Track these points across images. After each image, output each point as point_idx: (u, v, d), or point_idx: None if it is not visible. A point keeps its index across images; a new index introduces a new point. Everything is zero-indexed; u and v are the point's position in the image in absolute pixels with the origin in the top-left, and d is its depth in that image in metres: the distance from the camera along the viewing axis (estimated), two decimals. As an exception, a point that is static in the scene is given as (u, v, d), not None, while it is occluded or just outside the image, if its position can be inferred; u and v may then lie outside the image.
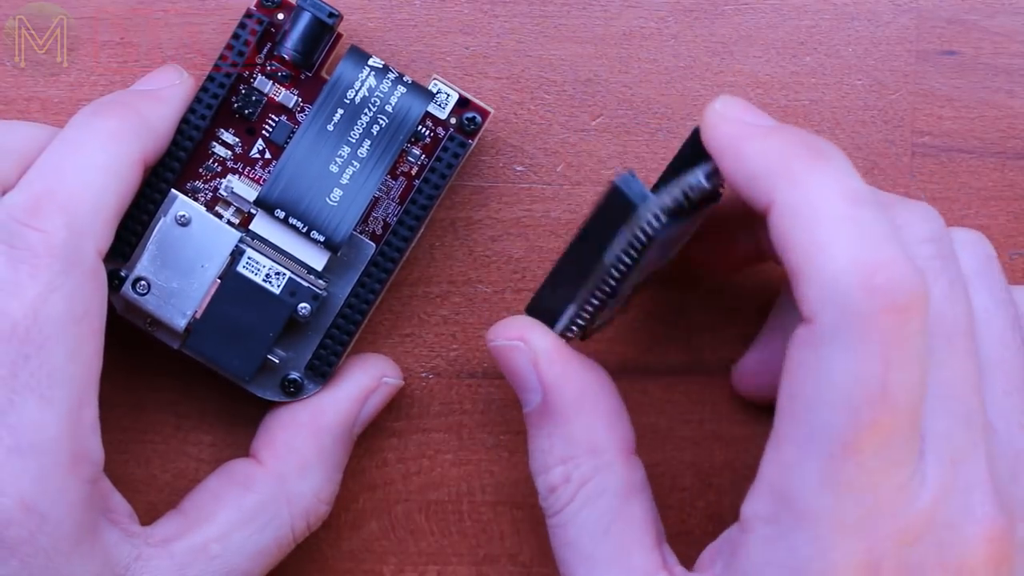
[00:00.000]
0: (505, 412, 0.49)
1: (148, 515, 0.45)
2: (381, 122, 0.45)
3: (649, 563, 0.43)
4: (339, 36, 0.46)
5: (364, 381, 0.47)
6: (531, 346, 0.44)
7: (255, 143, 0.46)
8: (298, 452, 0.46)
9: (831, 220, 0.38)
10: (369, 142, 0.45)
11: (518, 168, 0.49)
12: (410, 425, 0.49)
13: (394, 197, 0.47)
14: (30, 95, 0.48)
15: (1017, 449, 0.41)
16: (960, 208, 0.49)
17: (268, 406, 0.47)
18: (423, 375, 0.49)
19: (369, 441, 0.49)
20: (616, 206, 0.41)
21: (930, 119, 0.49)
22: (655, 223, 0.41)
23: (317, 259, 0.46)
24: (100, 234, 0.41)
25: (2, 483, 0.40)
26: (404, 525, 0.49)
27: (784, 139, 0.40)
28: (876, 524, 0.38)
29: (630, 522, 0.43)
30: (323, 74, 0.46)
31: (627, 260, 0.42)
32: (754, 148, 0.40)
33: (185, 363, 0.47)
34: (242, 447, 0.48)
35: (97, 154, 0.42)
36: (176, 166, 0.46)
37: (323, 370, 0.47)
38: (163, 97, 0.45)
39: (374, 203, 0.47)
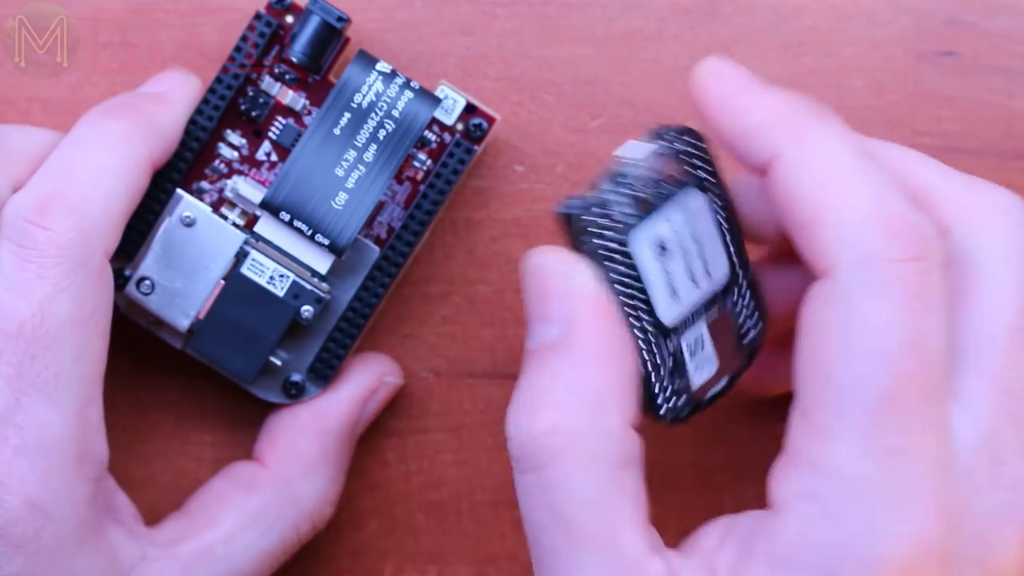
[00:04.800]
0: (505, 412, 0.49)
1: (149, 515, 0.45)
2: (387, 127, 0.45)
3: (639, 543, 0.38)
4: (347, 40, 0.46)
5: (365, 381, 0.47)
6: (574, 279, 0.40)
7: (261, 145, 0.46)
8: (301, 455, 0.46)
9: (844, 171, 0.38)
10: (375, 147, 0.45)
11: (518, 168, 0.49)
12: (410, 425, 0.49)
13: (399, 202, 0.47)
14: (31, 95, 0.48)
15: None
16: (959, 209, 0.49)
17: (269, 407, 0.47)
18: (423, 375, 0.49)
19: (369, 441, 0.49)
20: (573, 230, 0.40)
21: (930, 119, 0.49)
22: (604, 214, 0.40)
23: (321, 262, 0.46)
24: (108, 235, 0.41)
25: (8, 482, 0.40)
26: (404, 525, 0.49)
27: (783, 95, 0.40)
28: (921, 490, 0.37)
29: (623, 495, 0.39)
30: (331, 78, 0.46)
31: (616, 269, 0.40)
32: (755, 101, 0.40)
33: (187, 363, 0.47)
34: (243, 448, 0.48)
35: (106, 156, 0.42)
36: (182, 166, 0.46)
37: (325, 373, 0.47)
38: (171, 99, 0.45)
39: (379, 207, 0.47)
